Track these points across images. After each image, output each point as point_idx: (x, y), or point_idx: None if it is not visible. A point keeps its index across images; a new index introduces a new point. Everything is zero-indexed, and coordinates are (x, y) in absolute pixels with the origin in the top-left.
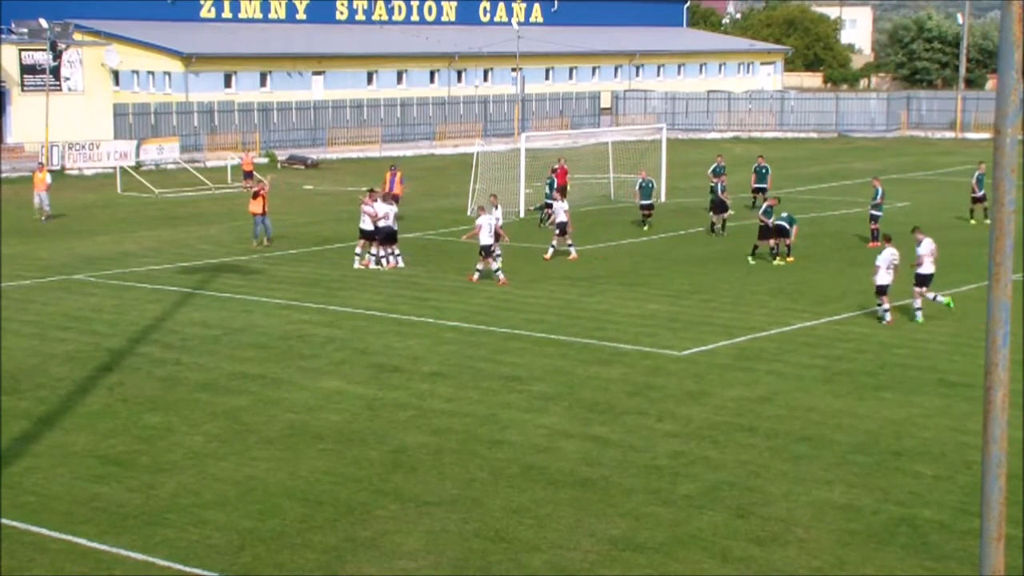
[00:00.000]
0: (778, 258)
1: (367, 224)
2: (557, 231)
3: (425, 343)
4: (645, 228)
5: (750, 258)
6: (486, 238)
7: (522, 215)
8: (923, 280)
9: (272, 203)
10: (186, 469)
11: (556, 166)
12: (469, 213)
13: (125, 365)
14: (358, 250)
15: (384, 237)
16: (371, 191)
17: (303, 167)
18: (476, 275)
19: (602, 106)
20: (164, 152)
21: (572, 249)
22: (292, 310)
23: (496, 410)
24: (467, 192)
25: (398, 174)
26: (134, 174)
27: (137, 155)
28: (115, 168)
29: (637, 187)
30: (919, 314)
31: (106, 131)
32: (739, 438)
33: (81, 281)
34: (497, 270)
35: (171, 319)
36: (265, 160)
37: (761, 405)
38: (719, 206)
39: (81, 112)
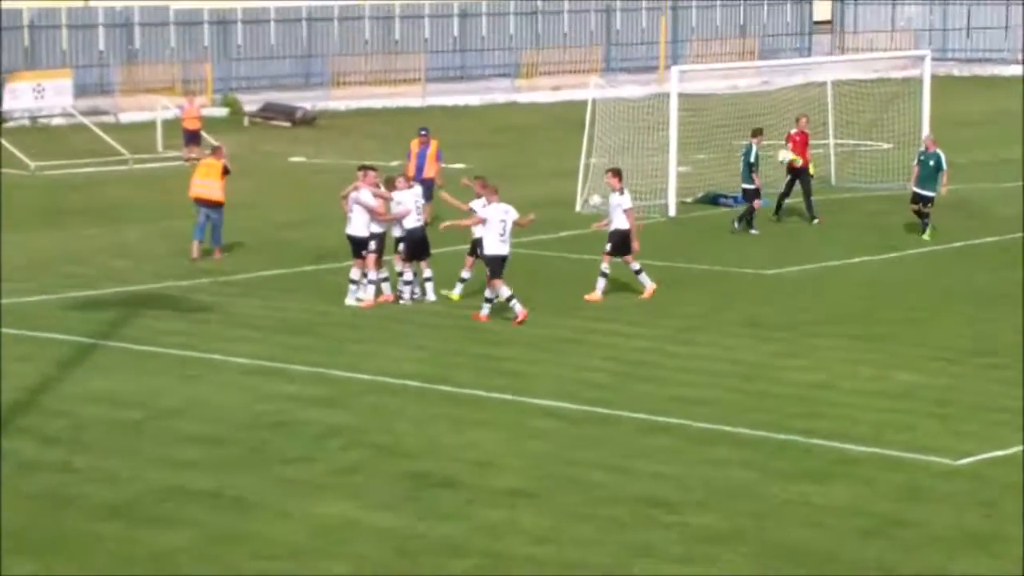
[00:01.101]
0: None
1: (358, 227)
2: (609, 248)
3: (499, 437)
4: (926, 237)
5: None
6: (498, 244)
7: (672, 211)
8: None
9: (232, 185)
10: None
11: (793, 130)
12: (578, 208)
13: None
14: (354, 274)
15: (412, 248)
16: (365, 169)
17: (288, 124)
18: (486, 309)
19: (816, 18)
20: (46, 96)
21: (645, 280)
22: (267, 377)
23: (626, 559)
24: (573, 170)
25: (432, 144)
26: None
27: None
28: None
29: (915, 162)
30: None
31: None
32: None
33: None
34: (511, 298)
35: (55, 391)
36: (222, 111)
37: None
38: None
39: None
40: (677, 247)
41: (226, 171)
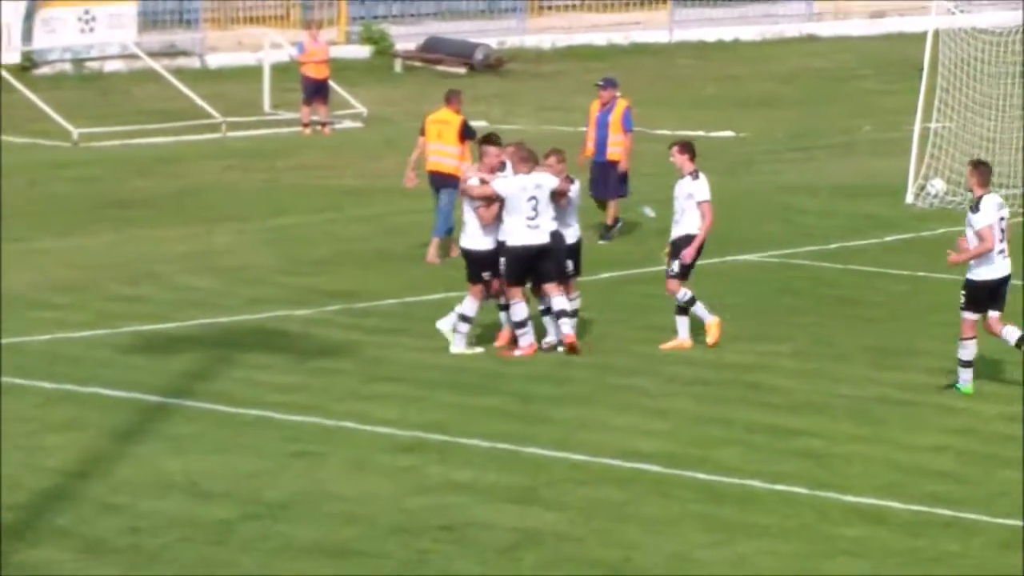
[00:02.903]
0: None
1: (476, 236)
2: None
3: (785, 550)
4: None
5: None
6: (524, 231)
7: None
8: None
9: (378, 166)
10: None
11: None
12: (910, 199)
13: None
14: (464, 309)
15: (549, 262)
16: (487, 142)
17: (464, 69)
18: (537, 340)
19: None
20: (97, 29)
21: (703, 314)
22: (428, 455)
23: None
24: (902, 142)
25: (618, 106)
26: (18, 85)
27: (27, 37)
28: None
29: None
30: None
31: None
32: None
33: None
34: (523, 324)
35: (107, 475)
36: (363, 51)
37: None
38: None
39: None
40: None
41: (466, 131)
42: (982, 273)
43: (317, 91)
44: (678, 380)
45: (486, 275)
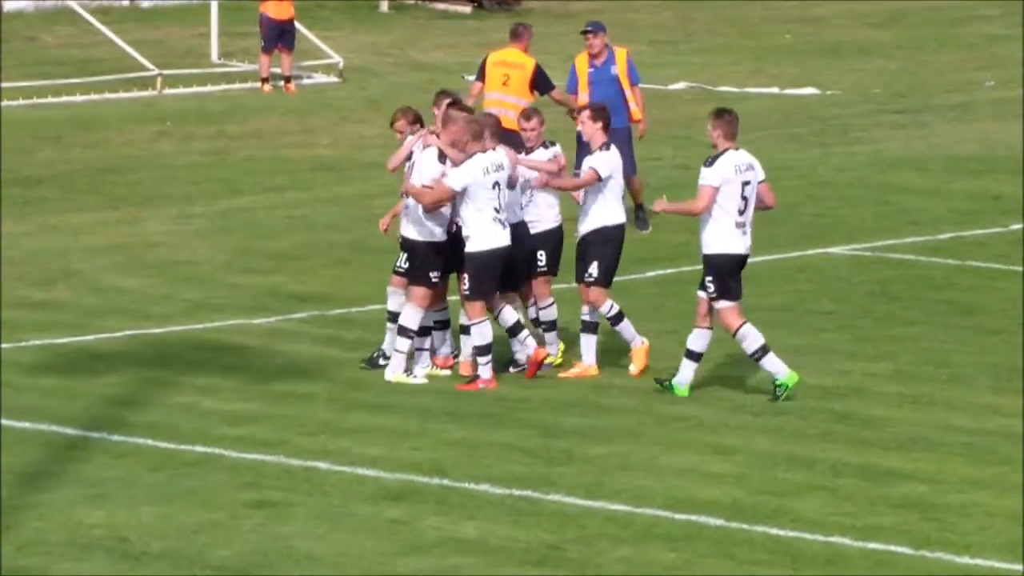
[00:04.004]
0: None
1: (419, 223)
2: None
3: None
4: None
5: None
6: (491, 230)
7: None
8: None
9: (350, 130)
10: None
11: None
12: None
13: None
14: (405, 320)
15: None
16: (445, 99)
17: (468, 7)
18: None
19: None
20: None
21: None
22: (423, 505)
23: None
24: None
25: (619, 56)
26: None
27: None
28: None
29: None
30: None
31: None
32: None
33: None
34: (517, 327)
35: (10, 529)
36: None
37: None
38: None
39: None
40: None
41: (540, 79)
42: (720, 245)
43: (280, 36)
44: (745, 409)
45: (434, 275)
